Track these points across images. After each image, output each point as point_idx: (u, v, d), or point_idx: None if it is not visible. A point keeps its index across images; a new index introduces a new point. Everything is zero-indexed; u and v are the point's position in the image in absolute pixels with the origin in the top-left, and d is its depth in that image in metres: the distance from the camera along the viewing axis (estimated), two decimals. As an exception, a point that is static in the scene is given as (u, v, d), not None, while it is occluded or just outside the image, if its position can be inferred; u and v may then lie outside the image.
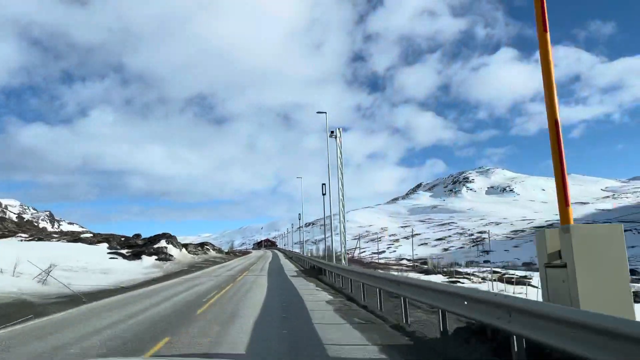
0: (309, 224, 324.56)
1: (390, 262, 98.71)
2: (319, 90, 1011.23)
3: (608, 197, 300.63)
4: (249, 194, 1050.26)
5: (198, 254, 60.20)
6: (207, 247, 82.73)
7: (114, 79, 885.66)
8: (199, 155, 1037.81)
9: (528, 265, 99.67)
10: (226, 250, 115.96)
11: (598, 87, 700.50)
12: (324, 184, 40.54)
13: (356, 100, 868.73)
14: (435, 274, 50.20)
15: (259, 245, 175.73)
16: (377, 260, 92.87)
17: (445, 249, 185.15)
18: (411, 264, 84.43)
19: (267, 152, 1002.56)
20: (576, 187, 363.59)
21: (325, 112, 27.92)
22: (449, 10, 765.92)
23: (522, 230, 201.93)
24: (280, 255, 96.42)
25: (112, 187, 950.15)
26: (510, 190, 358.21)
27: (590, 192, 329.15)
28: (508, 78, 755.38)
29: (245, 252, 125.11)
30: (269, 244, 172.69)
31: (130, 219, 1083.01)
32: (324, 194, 41.17)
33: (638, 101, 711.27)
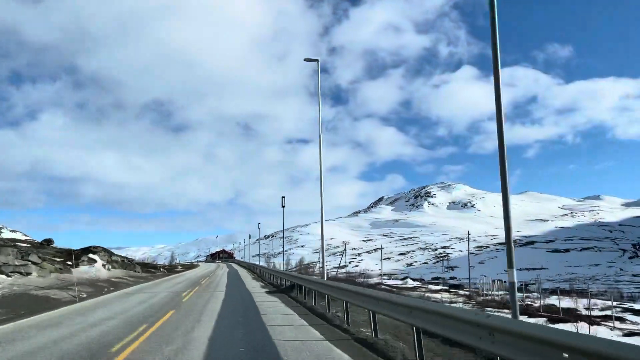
0: (268, 236, 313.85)
1: (400, 284, 69.11)
2: (282, 101, 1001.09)
3: (566, 214, 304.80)
4: (206, 205, 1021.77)
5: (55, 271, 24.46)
6: (100, 255, 35.25)
7: (66, 81, 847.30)
8: (155, 164, 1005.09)
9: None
10: (162, 265, 77.49)
11: (553, 108, 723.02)
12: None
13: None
14: (534, 315, 34.29)
15: (213, 257, 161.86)
16: (380, 280, 68.94)
17: (409, 264, 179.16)
18: (448, 290, 59.53)
19: (225, 162, 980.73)
20: (534, 204, 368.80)
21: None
22: (413, 26, 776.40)
23: (486, 246, 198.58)
24: (243, 272, 67.58)
25: (62, 195, 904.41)
26: (472, 206, 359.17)
27: (549, 210, 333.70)
28: (468, 96, 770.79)
29: (188, 267, 78.77)
30: (226, 256, 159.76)
31: (81, 229, 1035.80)
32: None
33: (590, 124, 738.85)
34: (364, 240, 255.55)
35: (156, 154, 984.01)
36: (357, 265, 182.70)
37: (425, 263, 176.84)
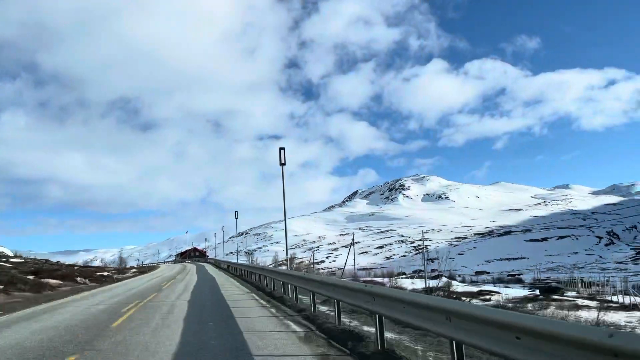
0: (242, 233, 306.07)
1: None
2: (252, 97, 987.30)
3: (539, 204, 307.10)
4: (177, 204, 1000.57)
5: None
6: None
7: (26, 79, 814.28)
8: (123, 163, 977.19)
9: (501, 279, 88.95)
10: (110, 267, 63.36)
11: (521, 100, 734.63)
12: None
13: (290, 108, 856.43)
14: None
15: (183, 256, 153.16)
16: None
17: (388, 258, 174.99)
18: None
19: (196, 160, 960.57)
20: (508, 194, 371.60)
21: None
22: (383, 20, 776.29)
23: (464, 237, 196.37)
24: (222, 278, 44.88)
25: (26, 198, 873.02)
26: (446, 198, 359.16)
27: (522, 200, 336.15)
28: (438, 89, 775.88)
29: (142, 271, 54.06)
30: (198, 254, 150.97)
31: (47, 232, 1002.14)
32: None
33: (556, 115, 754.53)
34: (340, 235, 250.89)
35: (124, 153, 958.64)
36: (335, 260, 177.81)
37: (404, 256, 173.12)
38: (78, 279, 27.52)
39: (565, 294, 42.42)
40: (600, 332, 3.38)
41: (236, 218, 54.33)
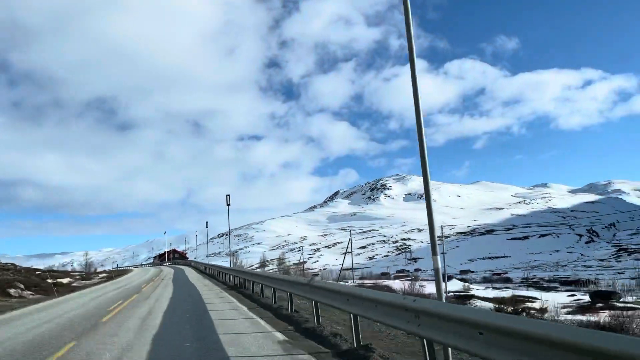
0: (222, 234, 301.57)
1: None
2: (232, 97, 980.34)
3: (520, 202, 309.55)
4: (156, 206, 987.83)
5: None
6: None
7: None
8: (101, 165, 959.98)
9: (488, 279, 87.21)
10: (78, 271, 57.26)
11: (500, 100, 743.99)
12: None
13: (270, 108, 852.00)
14: None
15: (161, 258, 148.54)
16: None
17: (370, 258, 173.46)
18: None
19: (175, 161, 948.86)
20: (488, 193, 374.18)
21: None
22: (363, 19, 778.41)
23: (446, 236, 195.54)
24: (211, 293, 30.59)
25: (1, 200, 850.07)
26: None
27: (502, 199, 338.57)
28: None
29: (109, 276, 45.59)
30: (177, 257, 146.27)
31: (23, 234, 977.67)
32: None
33: (534, 114, 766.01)
34: (322, 235, 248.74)
35: (102, 154, 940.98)
36: (317, 261, 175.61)
37: (387, 255, 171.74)
38: (12, 290, 20.24)
39: (620, 300, 37.80)
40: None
41: (229, 204, 51.55)
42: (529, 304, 33.16)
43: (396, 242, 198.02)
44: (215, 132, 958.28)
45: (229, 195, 37.96)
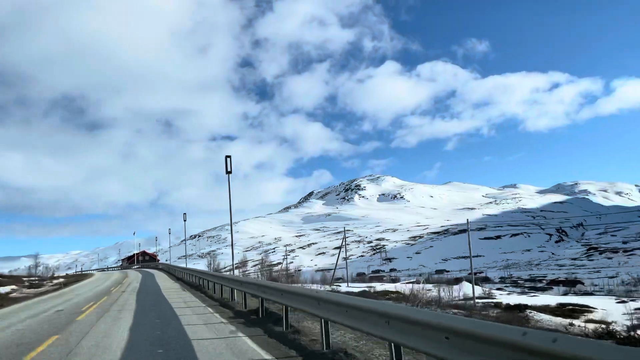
0: (194, 236, 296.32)
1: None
2: (204, 96, 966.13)
3: (491, 202, 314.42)
4: (126, 207, 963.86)
5: None
6: None
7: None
8: (68, 165, 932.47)
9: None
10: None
11: (471, 102, 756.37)
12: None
13: (244, 108, 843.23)
14: None
15: (130, 260, 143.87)
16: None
17: (345, 258, 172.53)
18: None
19: (146, 161, 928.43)
20: (460, 194, 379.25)
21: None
22: (338, 20, 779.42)
23: (420, 236, 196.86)
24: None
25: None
26: (401, 197, 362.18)
27: (474, 199, 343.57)
28: (391, 91, 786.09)
29: (67, 282, 38.42)
30: (148, 259, 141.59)
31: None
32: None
33: (503, 117, 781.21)
34: (296, 236, 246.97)
35: (69, 154, 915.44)
36: (292, 262, 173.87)
37: (362, 256, 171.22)
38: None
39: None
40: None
41: (229, 171, 49.45)
42: (589, 315, 29.29)
43: (371, 242, 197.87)
44: (187, 132, 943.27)
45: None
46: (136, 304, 17.40)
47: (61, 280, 41.49)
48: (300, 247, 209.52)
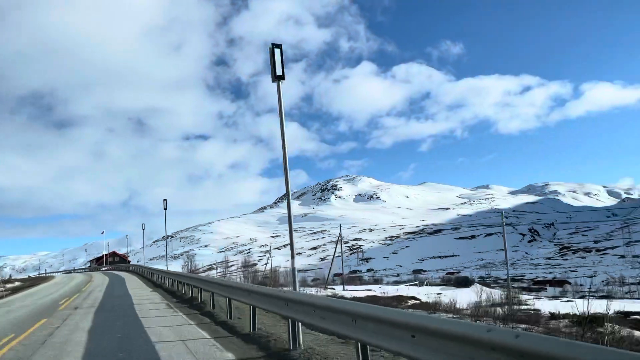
0: (167, 236, 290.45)
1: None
2: (178, 95, 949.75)
3: (465, 203, 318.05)
4: (96, 208, 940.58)
5: None
6: None
7: None
8: (36, 164, 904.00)
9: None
10: None
11: (445, 104, 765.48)
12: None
13: (218, 107, 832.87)
14: None
15: (99, 262, 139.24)
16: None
17: (322, 259, 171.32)
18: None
19: (117, 160, 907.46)
20: (435, 194, 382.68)
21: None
22: (314, 20, 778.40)
23: (397, 237, 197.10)
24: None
25: None
26: (377, 198, 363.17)
27: (448, 199, 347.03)
28: (367, 92, 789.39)
29: (18, 288, 33.61)
30: (118, 260, 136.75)
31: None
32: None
33: (476, 119, 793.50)
34: (272, 237, 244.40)
35: (36, 153, 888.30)
36: (267, 263, 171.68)
37: (339, 256, 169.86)
38: None
39: None
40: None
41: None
42: None
43: (347, 242, 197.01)
44: (159, 131, 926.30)
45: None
46: (88, 340, 9.91)
47: (16, 284, 36.99)
48: (276, 248, 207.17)
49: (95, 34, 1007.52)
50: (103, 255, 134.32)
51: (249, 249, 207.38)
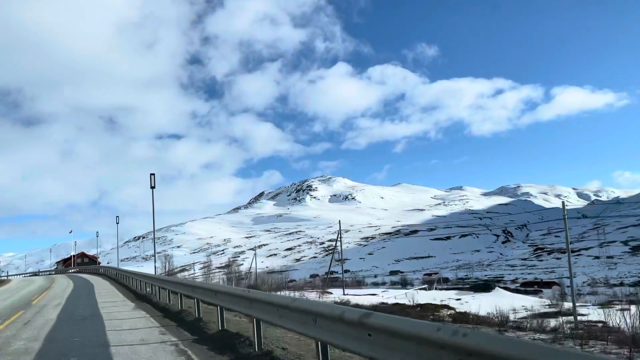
0: (138, 237, 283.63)
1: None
2: (150, 93, 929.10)
3: (439, 204, 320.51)
4: (64, 208, 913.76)
5: None
6: None
7: None
8: (2, 163, 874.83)
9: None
10: None
11: (419, 105, 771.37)
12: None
13: (192, 107, 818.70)
14: None
15: (66, 264, 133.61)
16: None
17: (297, 260, 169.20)
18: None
19: (87, 159, 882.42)
20: (410, 195, 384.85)
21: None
22: (290, 20, 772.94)
23: (372, 237, 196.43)
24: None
25: None
26: (352, 198, 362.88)
27: (423, 200, 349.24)
28: (342, 93, 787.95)
29: None
30: (87, 261, 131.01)
31: None
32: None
33: (450, 121, 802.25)
34: (246, 237, 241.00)
35: (3, 151, 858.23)
36: (242, 264, 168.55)
37: (315, 257, 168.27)
38: None
39: None
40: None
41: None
42: None
43: (323, 243, 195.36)
44: (131, 130, 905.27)
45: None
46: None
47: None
48: (251, 249, 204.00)
49: (65, 29, 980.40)
50: (71, 256, 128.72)
51: (222, 250, 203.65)
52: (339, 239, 53.94)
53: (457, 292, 47.68)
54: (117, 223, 63.39)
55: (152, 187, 32.93)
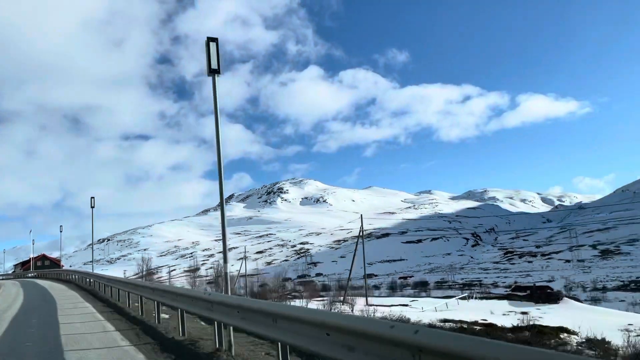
0: (103, 239, 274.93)
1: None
2: (117, 92, 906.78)
3: (409, 207, 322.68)
4: (26, 209, 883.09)
5: None
6: None
7: None
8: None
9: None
10: None
11: (390, 110, 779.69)
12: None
13: (160, 107, 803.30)
14: None
15: (25, 267, 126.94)
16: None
17: (269, 263, 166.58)
18: None
19: (50, 160, 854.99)
20: (380, 198, 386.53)
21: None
22: (262, 21, 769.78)
23: (344, 240, 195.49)
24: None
25: None
26: (324, 201, 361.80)
27: (393, 203, 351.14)
28: (313, 96, 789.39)
29: None
30: (49, 264, 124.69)
31: None
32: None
33: (419, 126, 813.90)
34: (216, 240, 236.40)
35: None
36: (211, 267, 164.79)
37: (286, 260, 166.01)
38: None
39: None
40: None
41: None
42: None
43: (295, 246, 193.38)
44: (97, 130, 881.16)
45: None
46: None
47: None
48: (220, 252, 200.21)
49: (28, 24, 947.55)
50: (31, 259, 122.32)
51: (191, 253, 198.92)
52: (360, 235, 45.29)
53: (510, 303, 40.06)
54: (92, 217, 60.32)
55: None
